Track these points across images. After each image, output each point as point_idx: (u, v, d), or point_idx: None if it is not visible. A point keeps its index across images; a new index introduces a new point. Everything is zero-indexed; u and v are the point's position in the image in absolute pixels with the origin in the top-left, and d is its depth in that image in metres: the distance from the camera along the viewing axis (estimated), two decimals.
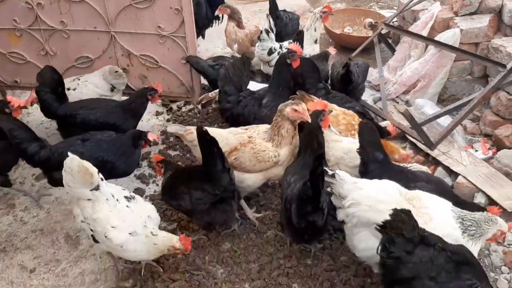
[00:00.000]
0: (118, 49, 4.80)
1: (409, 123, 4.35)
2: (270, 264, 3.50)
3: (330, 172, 3.02)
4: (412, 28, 5.67)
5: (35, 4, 4.58)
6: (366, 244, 2.98)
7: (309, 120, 3.50)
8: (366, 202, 2.90)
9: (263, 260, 3.53)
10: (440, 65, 5.18)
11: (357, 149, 3.44)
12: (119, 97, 4.68)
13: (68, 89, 4.48)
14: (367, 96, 5.53)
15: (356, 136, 3.58)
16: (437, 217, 2.87)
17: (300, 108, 3.50)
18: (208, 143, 3.27)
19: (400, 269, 2.61)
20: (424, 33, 5.42)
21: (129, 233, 3.12)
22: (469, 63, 5.28)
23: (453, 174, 4.09)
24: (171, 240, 3.17)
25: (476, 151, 4.47)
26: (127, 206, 3.24)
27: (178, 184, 3.56)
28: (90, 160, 3.23)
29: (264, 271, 3.46)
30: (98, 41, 4.77)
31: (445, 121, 4.67)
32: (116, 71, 4.55)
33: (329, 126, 3.70)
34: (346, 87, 4.74)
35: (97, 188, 3.14)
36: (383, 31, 6.07)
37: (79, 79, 4.62)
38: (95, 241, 3.22)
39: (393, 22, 6.18)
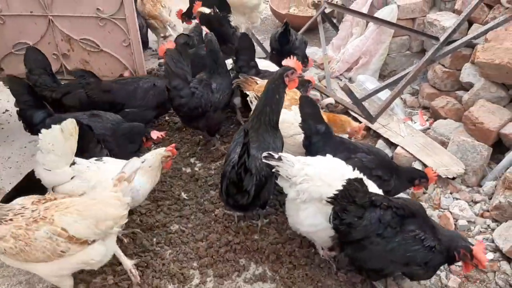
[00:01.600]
0: (57, 34, 4.67)
1: (349, 98, 4.48)
2: (218, 241, 3.55)
3: (276, 156, 3.05)
4: (353, 6, 5.80)
5: None
6: (313, 220, 3.06)
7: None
8: (320, 177, 2.97)
9: (211, 238, 3.57)
10: (379, 41, 5.33)
11: (299, 123, 3.53)
12: None
13: None
14: (313, 75, 5.63)
15: (292, 108, 3.67)
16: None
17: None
18: None
19: (351, 233, 2.81)
20: (364, 10, 5.56)
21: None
22: (407, 39, 5.47)
23: (393, 146, 4.26)
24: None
25: (415, 123, 4.66)
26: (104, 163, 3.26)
27: None
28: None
29: (212, 249, 3.50)
30: (35, 26, 4.61)
31: (385, 95, 4.82)
32: None
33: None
34: (283, 48, 4.96)
35: (73, 162, 3.10)
36: (327, 10, 6.18)
37: None
38: None
39: (336, 1, 6.29)
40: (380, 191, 3.04)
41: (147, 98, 4.28)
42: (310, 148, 3.50)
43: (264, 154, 3.06)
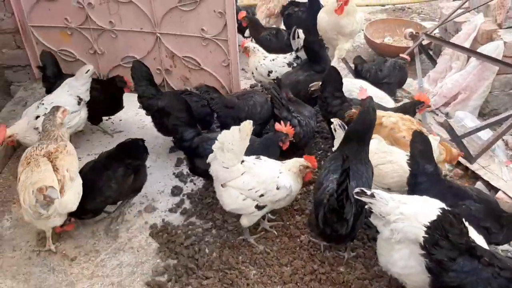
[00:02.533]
0: (162, 50, 4.94)
1: (449, 134, 4.31)
2: (303, 268, 3.52)
3: (368, 192, 2.97)
4: (454, 40, 5.61)
5: (86, 4, 4.76)
6: (406, 262, 2.91)
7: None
8: (416, 217, 2.84)
9: (296, 264, 3.56)
10: (482, 78, 5.10)
11: (407, 160, 3.41)
12: (85, 112, 4.60)
13: (38, 116, 4.29)
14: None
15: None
16: None
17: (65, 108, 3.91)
18: None
19: (443, 276, 2.59)
20: (466, 44, 5.36)
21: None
22: None
23: (493, 190, 4.03)
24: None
25: None
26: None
27: None
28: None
29: (297, 275, 3.48)
30: (144, 41, 4.92)
31: (486, 135, 4.59)
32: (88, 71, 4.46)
33: (343, 128, 3.75)
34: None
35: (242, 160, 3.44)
36: (424, 42, 6.03)
37: (43, 104, 4.40)
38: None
39: (434, 33, 6.13)
40: (485, 245, 2.81)
41: (262, 113, 4.45)
42: (415, 187, 3.33)
43: (356, 190, 2.99)
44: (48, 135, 3.71)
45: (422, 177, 3.31)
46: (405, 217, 2.87)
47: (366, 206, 3.06)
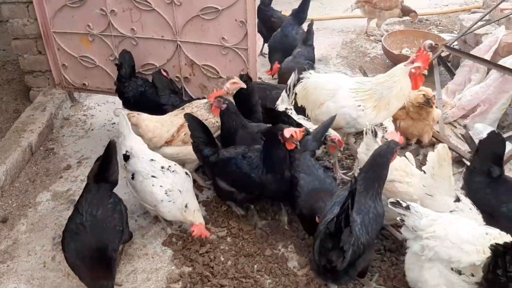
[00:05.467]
0: (182, 58, 4.97)
1: (469, 147, 4.26)
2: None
3: (404, 204, 2.96)
4: (474, 52, 5.57)
5: (109, 11, 4.82)
6: (438, 280, 2.88)
7: (244, 86, 4.25)
8: (452, 239, 2.82)
9: (311, 273, 3.52)
10: (502, 91, 5.04)
11: (474, 152, 3.56)
12: None
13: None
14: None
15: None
16: None
17: (236, 79, 4.29)
18: None
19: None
20: (487, 57, 5.32)
21: None
22: None
23: None
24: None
25: None
26: None
27: None
28: (245, 177, 3.68)
29: (312, 284, 3.46)
30: (164, 49, 4.95)
31: (506, 148, 4.52)
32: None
33: (375, 135, 3.68)
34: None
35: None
36: (443, 54, 5.99)
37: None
38: None
39: (453, 45, 6.10)
40: None
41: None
42: (469, 185, 3.48)
43: (391, 200, 2.97)
44: None
45: (480, 177, 3.42)
46: (437, 236, 2.85)
47: (399, 218, 3.00)
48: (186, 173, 3.86)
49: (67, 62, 5.35)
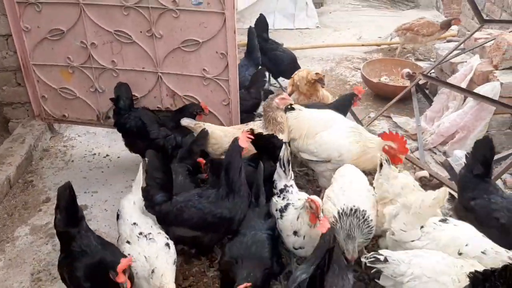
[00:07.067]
0: (163, 89, 4.97)
1: (448, 173, 4.32)
2: None
3: (381, 258, 2.91)
4: (450, 80, 5.70)
5: (89, 43, 4.82)
6: None
7: (292, 102, 4.53)
8: (427, 273, 2.85)
9: None
10: (479, 118, 5.16)
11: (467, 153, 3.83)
12: None
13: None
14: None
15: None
16: None
17: (285, 95, 4.55)
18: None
19: None
20: (463, 85, 5.45)
21: None
22: (509, 117, 5.25)
23: None
24: None
25: None
26: None
27: None
28: (208, 215, 3.51)
29: None
30: (145, 80, 4.96)
31: None
32: None
33: (388, 163, 3.70)
34: None
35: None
36: (421, 82, 6.13)
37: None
38: None
39: (430, 73, 6.24)
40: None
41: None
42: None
43: (369, 257, 2.93)
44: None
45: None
46: (416, 276, 2.86)
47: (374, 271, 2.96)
48: (167, 244, 3.39)
49: (47, 94, 5.31)
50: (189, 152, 4.35)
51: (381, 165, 3.71)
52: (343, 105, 5.13)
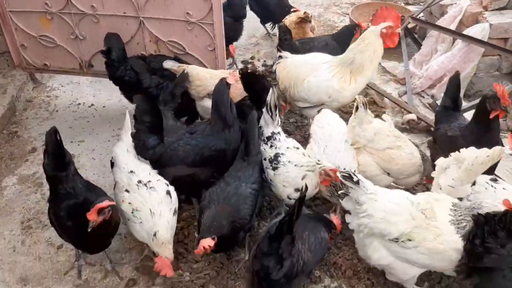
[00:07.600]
0: (146, 35, 4.83)
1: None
2: None
3: (355, 178, 2.86)
4: (439, 22, 5.61)
5: None
6: (379, 254, 2.97)
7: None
8: (379, 214, 2.87)
9: None
10: (467, 60, 5.12)
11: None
12: None
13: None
14: (392, 90, 5.50)
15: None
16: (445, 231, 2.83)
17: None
18: None
19: (483, 258, 2.67)
20: (452, 27, 5.37)
21: None
22: (497, 59, 5.23)
23: None
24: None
25: (504, 146, 4.40)
26: None
27: None
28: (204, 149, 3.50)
29: None
30: (127, 26, 4.80)
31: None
32: None
33: (366, 107, 3.57)
34: None
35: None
36: (410, 25, 6.03)
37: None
38: None
39: (419, 16, 6.13)
40: None
41: None
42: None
43: (343, 172, 2.90)
44: None
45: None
46: (369, 214, 2.89)
47: (341, 192, 2.96)
48: (168, 192, 3.33)
49: (26, 42, 5.14)
50: (171, 95, 4.19)
51: (356, 108, 3.56)
52: (343, 36, 5.11)
